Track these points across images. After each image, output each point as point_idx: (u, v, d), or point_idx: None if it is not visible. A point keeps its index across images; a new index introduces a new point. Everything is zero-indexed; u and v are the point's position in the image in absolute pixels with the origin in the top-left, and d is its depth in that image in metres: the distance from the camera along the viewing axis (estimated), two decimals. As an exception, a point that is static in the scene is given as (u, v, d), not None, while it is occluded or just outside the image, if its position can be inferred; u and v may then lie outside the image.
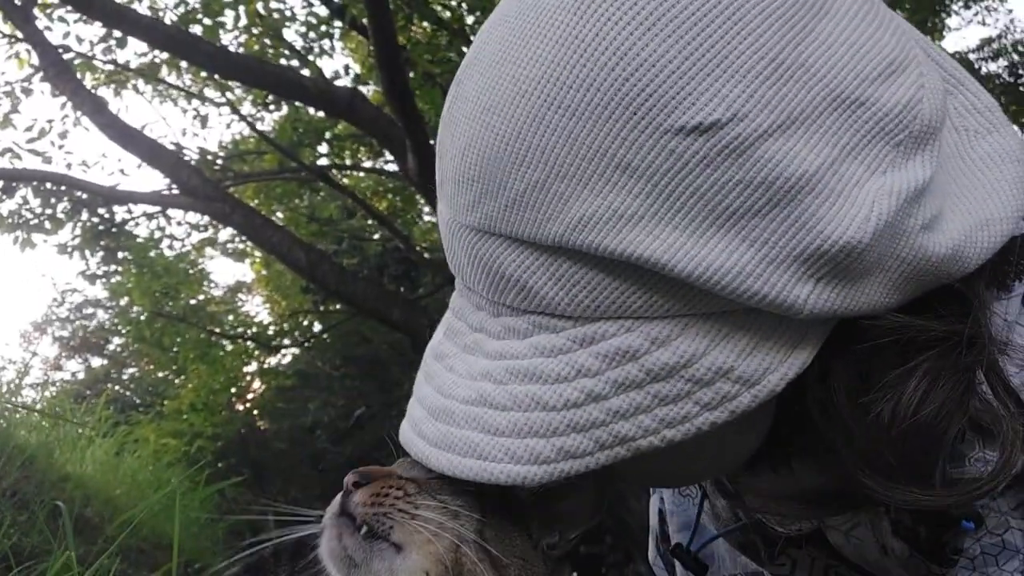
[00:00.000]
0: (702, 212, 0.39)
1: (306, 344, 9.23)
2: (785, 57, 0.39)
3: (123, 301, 8.12)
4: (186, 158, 6.06)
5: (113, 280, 7.74)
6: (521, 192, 0.41)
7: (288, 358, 9.98)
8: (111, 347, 11.31)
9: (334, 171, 7.64)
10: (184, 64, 5.97)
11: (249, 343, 8.73)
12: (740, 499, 0.56)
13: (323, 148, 7.31)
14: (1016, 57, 9.41)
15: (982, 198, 0.43)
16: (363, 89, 6.16)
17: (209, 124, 6.91)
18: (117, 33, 5.12)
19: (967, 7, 9.44)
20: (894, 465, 0.43)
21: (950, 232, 0.42)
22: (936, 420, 0.42)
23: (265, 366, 9.85)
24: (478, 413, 0.44)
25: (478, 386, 0.45)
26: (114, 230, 6.80)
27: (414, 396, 0.50)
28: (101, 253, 7.08)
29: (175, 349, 7.73)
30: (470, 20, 5.92)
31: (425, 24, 5.85)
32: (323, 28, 5.79)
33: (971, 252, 0.42)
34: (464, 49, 5.60)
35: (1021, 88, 9.39)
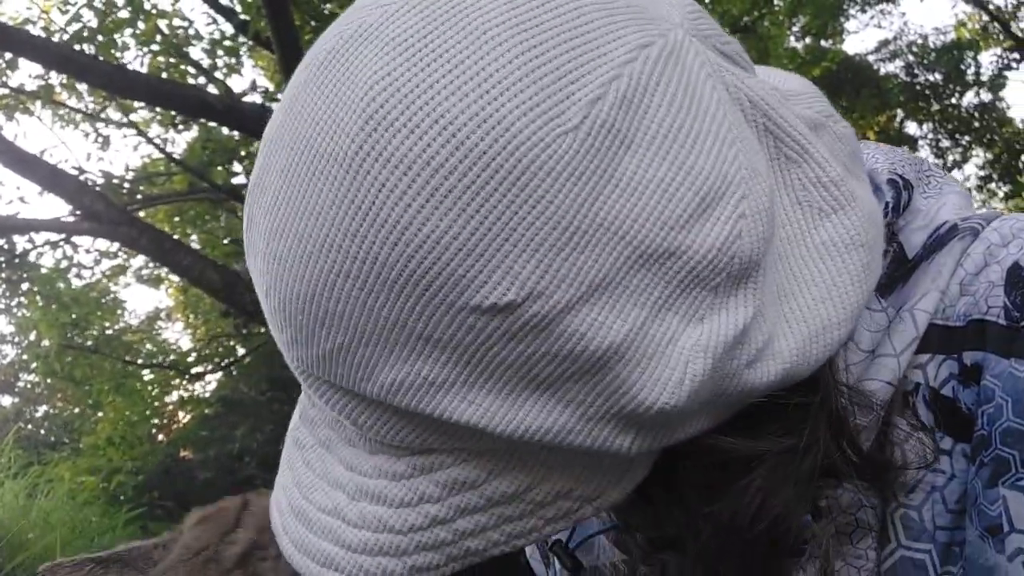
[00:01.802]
0: (512, 379, 0.38)
1: (229, 368, 9.00)
2: (580, 221, 0.35)
3: (32, 336, 7.78)
4: (90, 183, 5.85)
5: (18, 314, 7.41)
6: (329, 351, 0.39)
7: (212, 384, 9.74)
8: (20, 384, 10.83)
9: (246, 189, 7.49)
10: (84, 86, 5.77)
11: (169, 371, 8.48)
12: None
13: (237, 167, 7.15)
14: (911, 58, 9.87)
15: (820, 298, 0.41)
16: (273, 105, 6.05)
17: (114, 147, 6.69)
18: (7, 55, 4.90)
19: (863, 11, 9.85)
20: (737, 567, 0.44)
21: (781, 355, 0.40)
22: (773, 529, 0.42)
23: (187, 394, 9.58)
24: (333, 525, 0.43)
25: (334, 496, 0.44)
26: (16, 261, 6.51)
27: (281, 472, 0.48)
28: (3, 286, 6.77)
29: (89, 383, 7.44)
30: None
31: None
32: (228, 43, 5.66)
33: (804, 368, 0.40)
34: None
35: (917, 86, 9.84)
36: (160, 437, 9.67)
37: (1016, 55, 9.35)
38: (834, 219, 0.42)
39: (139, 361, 8.19)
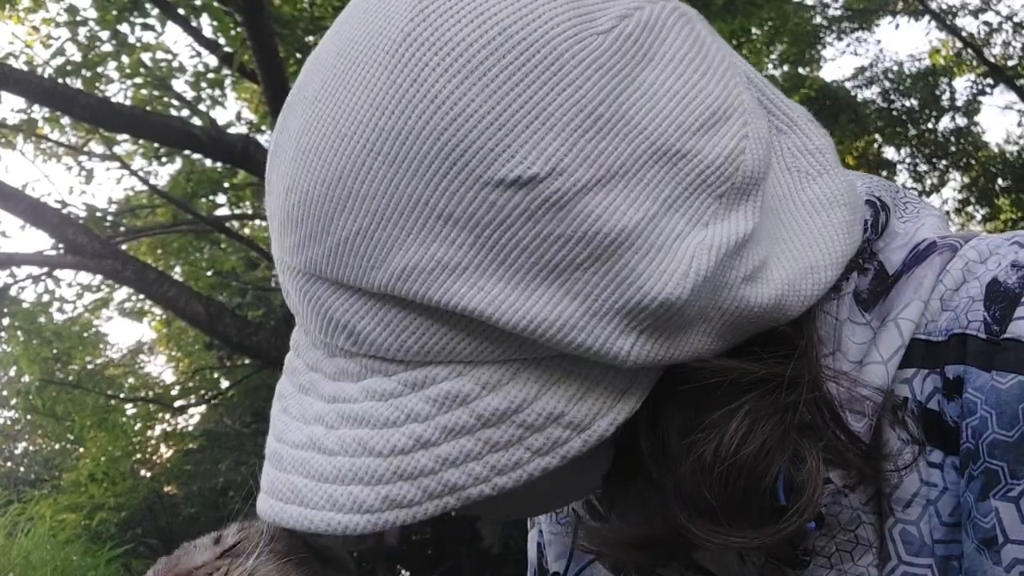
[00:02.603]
0: (525, 264, 0.39)
1: (213, 402, 8.91)
2: (605, 110, 0.39)
3: (11, 371, 7.67)
4: (73, 216, 5.81)
5: (-2, 349, 7.30)
6: (344, 239, 0.40)
7: (195, 418, 9.63)
8: (0, 421, 10.67)
9: (233, 221, 7.47)
10: (67, 119, 5.76)
11: (151, 405, 8.37)
12: (608, 522, 0.55)
13: (221, 199, 7.14)
14: (887, 84, 10.04)
15: (809, 244, 0.44)
16: (258, 137, 6.06)
17: (97, 180, 6.66)
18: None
19: (840, 39, 10.03)
20: (716, 508, 0.43)
21: (774, 281, 0.42)
22: (756, 460, 0.42)
23: (170, 428, 9.47)
24: (306, 457, 0.43)
25: (310, 430, 0.43)
26: (-3, 296, 6.44)
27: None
28: (-17, 321, 6.68)
29: (71, 418, 7.33)
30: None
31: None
32: (212, 76, 5.68)
33: (794, 300, 0.43)
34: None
35: (894, 112, 9.99)
36: (143, 472, 9.53)
37: (990, 81, 9.53)
38: (820, 181, 0.46)
39: (122, 395, 8.09)
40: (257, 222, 8.11)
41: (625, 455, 0.46)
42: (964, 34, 9.51)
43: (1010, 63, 9.44)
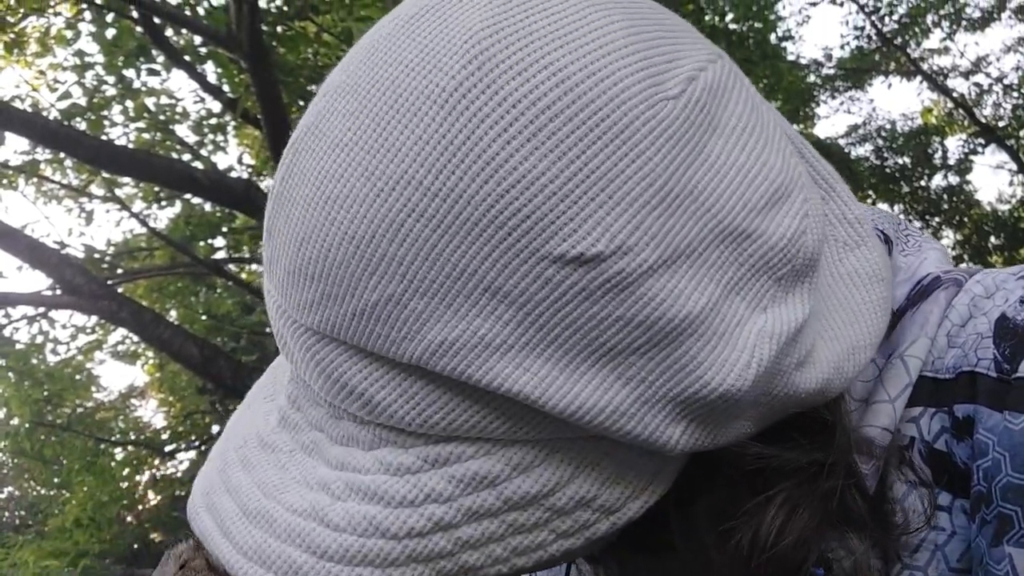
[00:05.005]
0: (577, 345, 0.36)
1: (203, 448, 8.80)
2: (674, 185, 0.36)
3: (1, 413, 7.60)
4: (71, 257, 5.82)
5: (-12, 391, 7.24)
6: (371, 304, 0.36)
7: (185, 464, 9.50)
8: (-13, 464, 10.52)
9: (231, 265, 7.49)
10: (68, 161, 5.81)
11: (142, 450, 8.27)
12: (604, 564, 0.53)
13: (219, 242, 7.17)
14: (880, 142, 10.18)
15: (849, 321, 0.42)
16: (258, 181, 6.11)
17: (96, 222, 6.69)
18: (-5, 130, 4.94)
19: (833, 96, 10.21)
20: None
21: (820, 364, 0.40)
22: (795, 550, 0.40)
23: (159, 473, 9.34)
24: (306, 528, 0.38)
25: (313, 497, 0.39)
26: (-9, 336, 6.42)
27: (217, 473, 0.43)
28: (-25, 362, 6.64)
29: (59, 462, 7.24)
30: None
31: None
32: (215, 122, 5.75)
33: (837, 382, 0.41)
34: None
35: (887, 170, 10.12)
36: (129, 519, 9.37)
37: (981, 140, 9.68)
38: (857, 252, 0.44)
39: (112, 439, 8.00)
40: (254, 266, 8.14)
41: (644, 530, 0.44)
42: (955, 95, 9.70)
43: (1001, 123, 9.60)
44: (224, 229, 6.88)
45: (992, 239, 10.00)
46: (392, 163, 0.35)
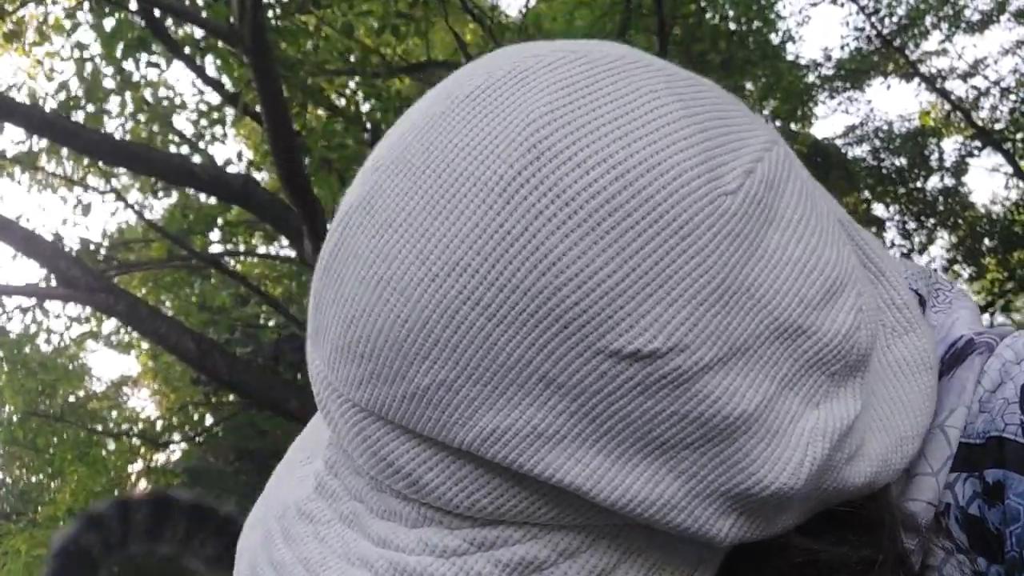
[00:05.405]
0: (629, 438, 0.36)
1: (197, 439, 8.80)
2: (731, 281, 0.35)
3: (-7, 401, 7.57)
4: (66, 248, 5.79)
5: (-19, 380, 7.22)
6: (422, 388, 0.35)
7: (177, 454, 9.49)
8: (-22, 452, 10.48)
9: (227, 258, 7.47)
10: (65, 151, 5.78)
11: (134, 440, 8.26)
12: None
13: (215, 235, 7.14)
14: (878, 142, 10.20)
15: (897, 412, 0.42)
16: (256, 175, 6.09)
17: (92, 212, 6.65)
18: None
19: (831, 97, 10.21)
20: None
21: (869, 458, 0.40)
22: None
23: (152, 464, 9.32)
24: None
25: (355, 574, 0.39)
26: (-15, 326, 6.39)
27: (261, 546, 0.43)
28: (-32, 352, 6.61)
29: (51, 451, 7.23)
30: (365, 107, 5.98)
31: (320, 111, 5.87)
32: (215, 115, 5.72)
33: (885, 475, 0.41)
34: (362, 137, 5.65)
35: (884, 170, 10.15)
36: (121, 509, 9.36)
37: (978, 143, 9.71)
38: (905, 339, 0.43)
39: (104, 429, 7.99)
40: (250, 259, 8.12)
41: None
42: (953, 97, 9.72)
43: (997, 126, 9.63)
44: (220, 222, 6.85)
45: (986, 241, 10.05)
46: (447, 249, 0.35)
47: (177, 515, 1.09)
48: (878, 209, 10.42)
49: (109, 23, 4.95)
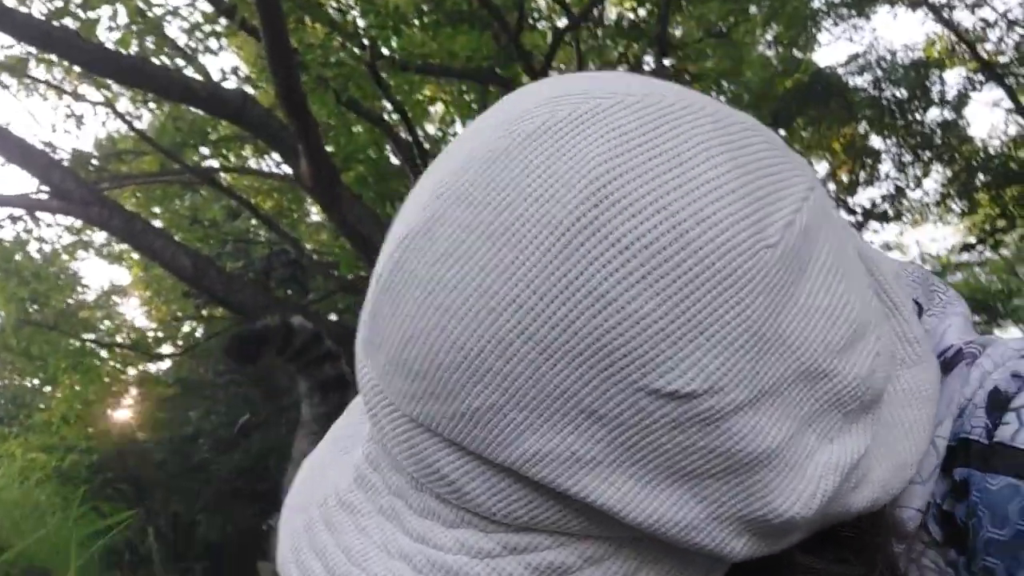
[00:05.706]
0: (661, 467, 0.39)
1: (191, 350, 8.86)
2: (767, 330, 0.38)
3: (-15, 308, 7.56)
4: (58, 158, 5.70)
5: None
6: (473, 410, 0.39)
7: (166, 364, 9.57)
8: (-30, 357, 10.51)
9: (220, 173, 7.37)
10: (55, 57, 5.62)
11: (131, 351, 8.31)
12: None
13: (205, 150, 7.03)
14: (880, 72, 10.05)
15: (900, 438, 0.45)
16: (249, 90, 5.97)
17: (84, 122, 6.51)
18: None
19: (836, 24, 10.01)
20: None
21: (873, 484, 0.44)
22: None
23: (144, 372, 9.42)
24: None
25: (395, 566, 0.42)
26: (-25, 234, 6.33)
27: (303, 530, 0.46)
28: (-41, 260, 6.57)
29: (45, 359, 7.26)
30: (362, 24, 5.83)
31: (317, 26, 5.71)
32: (208, 28, 5.56)
33: (884, 498, 0.44)
34: (356, 51, 5.51)
35: (883, 101, 10.03)
36: (114, 417, 9.50)
37: (981, 77, 9.60)
38: (913, 371, 0.47)
39: (98, 339, 8.02)
40: (245, 178, 8.01)
41: None
42: (960, 28, 9.55)
43: (1002, 59, 9.50)
44: (212, 137, 6.74)
45: (980, 176, 10.04)
46: (506, 285, 0.38)
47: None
48: (875, 141, 10.35)
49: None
